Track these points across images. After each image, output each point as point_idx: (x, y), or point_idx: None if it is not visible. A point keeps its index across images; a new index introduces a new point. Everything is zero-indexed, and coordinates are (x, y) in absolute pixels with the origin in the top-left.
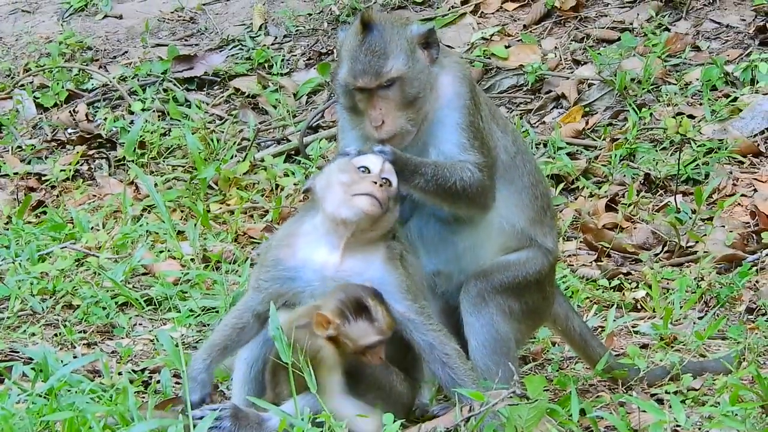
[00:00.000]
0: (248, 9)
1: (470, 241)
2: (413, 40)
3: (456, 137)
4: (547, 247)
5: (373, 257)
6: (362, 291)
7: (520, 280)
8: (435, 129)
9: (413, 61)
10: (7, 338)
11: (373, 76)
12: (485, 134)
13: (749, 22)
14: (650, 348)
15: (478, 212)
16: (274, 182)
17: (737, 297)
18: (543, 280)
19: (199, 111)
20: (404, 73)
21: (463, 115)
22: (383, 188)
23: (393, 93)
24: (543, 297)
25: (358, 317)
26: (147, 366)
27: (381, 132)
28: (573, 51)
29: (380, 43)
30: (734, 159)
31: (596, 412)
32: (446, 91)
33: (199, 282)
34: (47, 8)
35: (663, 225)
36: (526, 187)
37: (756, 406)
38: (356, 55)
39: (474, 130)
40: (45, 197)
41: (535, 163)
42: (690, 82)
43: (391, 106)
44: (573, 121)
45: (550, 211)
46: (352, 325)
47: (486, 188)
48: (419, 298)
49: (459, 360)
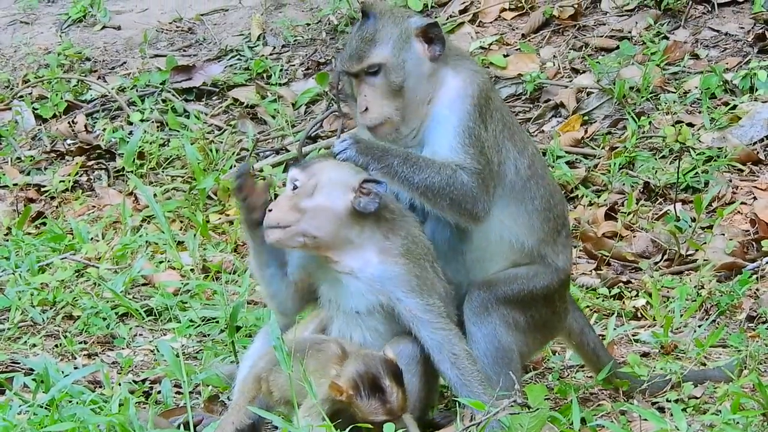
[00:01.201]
0: (246, 19)
1: (479, 253)
2: (410, 31)
3: (449, 138)
4: (558, 265)
5: (368, 254)
6: (381, 367)
7: (526, 293)
8: (432, 128)
9: (403, 51)
10: (7, 349)
11: (356, 60)
12: (487, 145)
13: (748, 30)
14: (651, 356)
15: (466, 220)
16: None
17: (737, 305)
18: (552, 296)
19: (198, 121)
20: (388, 61)
21: (461, 118)
22: (280, 207)
23: (379, 80)
24: (552, 312)
25: (371, 395)
26: (148, 376)
27: (365, 118)
28: (571, 60)
29: (371, 31)
30: (734, 167)
31: (597, 421)
32: (450, 93)
33: (199, 292)
34: (46, 19)
35: (663, 233)
36: (537, 210)
37: (757, 414)
38: (349, 41)
39: (471, 135)
40: (44, 208)
41: (552, 187)
42: (689, 90)
43: (376, 94)
44: (572, 129)
45: (566, 230)
46: (363, 401)
47: (474, 196)
48: (429, 295)
49: (468, 361)
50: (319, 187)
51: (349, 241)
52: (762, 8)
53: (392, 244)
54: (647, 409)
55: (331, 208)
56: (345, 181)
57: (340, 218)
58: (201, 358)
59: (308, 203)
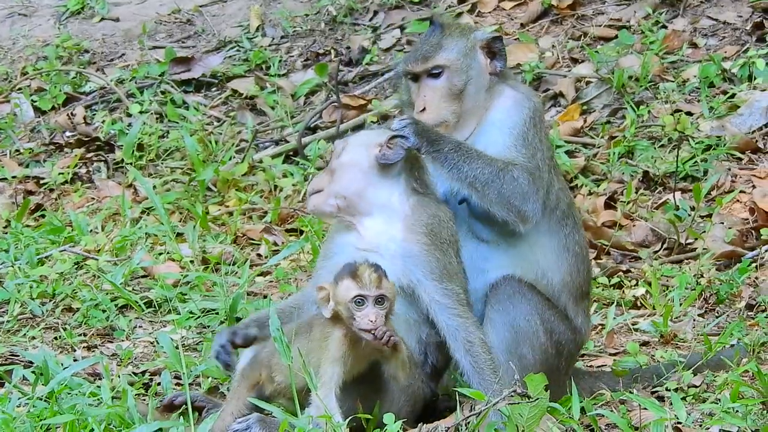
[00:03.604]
0: (245, 10)
1: (502, 272)
2: (475, 42)
3: (504, 137)
4: (575, 324)
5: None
6: (360, 261)
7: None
8: (485, 131)
9: (467, 58)
10: (7, 342)
11: (421, 61)
12: (539, 155)
13: (746, 18)
14: (650, 345)
15: (514, 218)
16: (272, 183)
17: (737, 293)
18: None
19: (197, 113)
20: (452, 64)
21: (517, 122)
22: (318, 175)
23: (440, 83)
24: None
25: (344, 277)
26: (147, 368)
27: (423, 118)
28: (570, 49)
29: (438, 36)
30: (732, 155)
31: (597, 410)
32: (507, 102)
33: (199, 284)
34: (44, 12)
35: (662, 222)
36: (569, 250)
37: (757, 402)
38: (416, 45)
39: (525, 139)
40: (44, 200)
41: (584, 243)
42: (687, 79)
43: (435, 95)
44: (571, 119)
45: (588, 301)
46: (338, 286)
47: (524, 193)
48: (450, 281)
49: (482, 349)
50: (348, 148)
51: (377, 206)
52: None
53: (417, 220)
54: (646, 398)
55: (357, 163)
56: (372, 140)
57: (365, 174)
58: (201, 349)
59: (336, 162)
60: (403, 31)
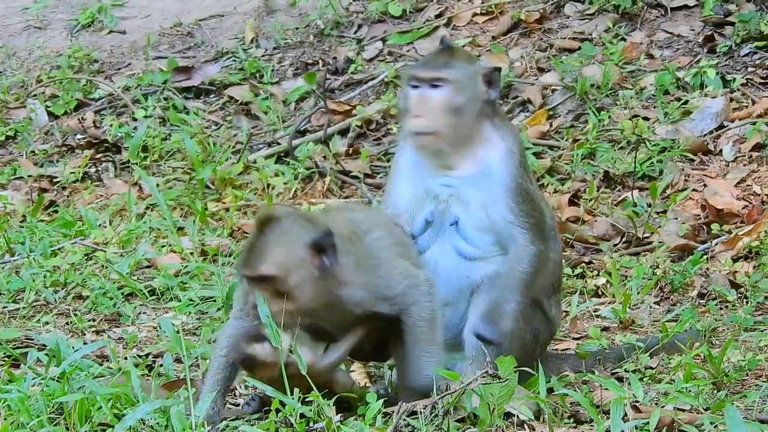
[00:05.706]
0: (241, 24)
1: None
2: (478, 69)
3: (503, 193)
4: (550, 315)
5: None
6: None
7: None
8: (483, 183)
9: (470, 80)
10: (22, 327)
11: (428, 69)
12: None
13: (698, 32)
14: (610, 330)
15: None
16: (265, 182)
17: (689, 283)
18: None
19: (197, 117)
20: (456, 81)
21: (512, 174)
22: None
23: (440, 94)
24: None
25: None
26: (151, 351)
27: (416, 123)
28: (538, 60)
29: (447, 55)
30: (686, 157)
31: (562, 390)
32: (497, 153)
33: (198, 274)
34: (57, 25)
35: (621, 218)
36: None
37: (707, 383)
38: (425, 57)
39: (521, 188)
40: (56, 197)
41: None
42: (645, 87)
43: (435, 106)
44: (538, 123)
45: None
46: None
47: (541, 256)
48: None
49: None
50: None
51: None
52: (711, 12)
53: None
54: (607, 379)
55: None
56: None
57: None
58: (200, 334)
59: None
60: (385, 43)
